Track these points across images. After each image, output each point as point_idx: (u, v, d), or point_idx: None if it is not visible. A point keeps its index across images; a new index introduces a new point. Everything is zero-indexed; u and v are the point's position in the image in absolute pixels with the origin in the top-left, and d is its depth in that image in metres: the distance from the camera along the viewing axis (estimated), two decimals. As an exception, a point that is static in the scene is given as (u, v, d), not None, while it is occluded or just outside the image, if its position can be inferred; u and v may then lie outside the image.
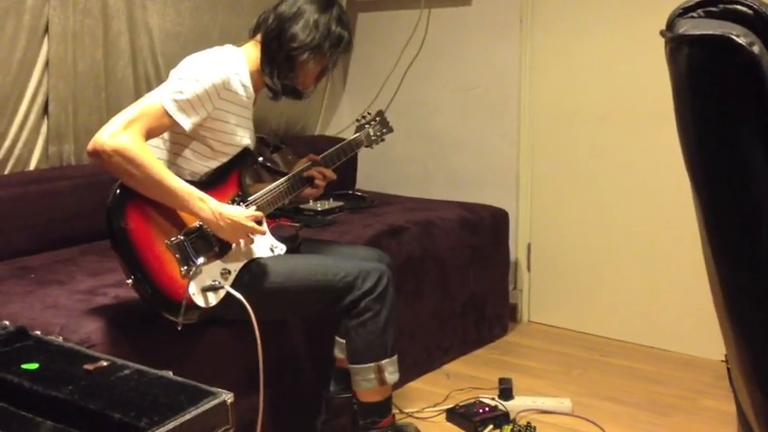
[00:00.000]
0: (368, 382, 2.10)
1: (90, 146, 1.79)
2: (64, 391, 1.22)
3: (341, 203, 3.16)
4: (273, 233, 2.18)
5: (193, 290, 1.87)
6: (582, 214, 3.24)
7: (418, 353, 2.85)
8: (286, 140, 3.39)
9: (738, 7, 0.92)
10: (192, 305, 1.86)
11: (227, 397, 1.27)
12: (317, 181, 2.26)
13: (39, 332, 1.46)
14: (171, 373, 1.34)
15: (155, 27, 2.91)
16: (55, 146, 2.70)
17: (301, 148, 3.39)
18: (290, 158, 3.27)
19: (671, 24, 0.99)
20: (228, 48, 2.09)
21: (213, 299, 1.91)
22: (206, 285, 1.90)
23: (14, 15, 2.51)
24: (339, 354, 2.29)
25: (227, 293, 1.92)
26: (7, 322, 1.47)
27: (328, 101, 3.78)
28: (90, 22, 2.70)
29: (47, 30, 2.59)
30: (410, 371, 2.79)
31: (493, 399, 2.54)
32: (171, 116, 1.87)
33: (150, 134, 1.86)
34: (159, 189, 1.81)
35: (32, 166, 2.67)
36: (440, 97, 3.56)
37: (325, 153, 2.33)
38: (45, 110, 2.66)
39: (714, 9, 0.95)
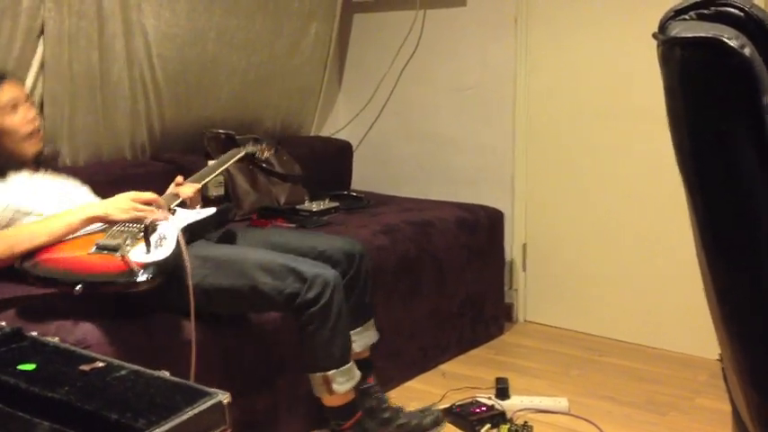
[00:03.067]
0: (319, 391, 2.10)
1: None
2: (60, 392, 1.21)
3: (336, 204, 3.17)
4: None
5: (138, 256, 1.87)
6: (578, 214, 3.24)
7: (415, 353, 2.85)
8: (281, 141, 3.40)
9: (730, 10, 0.93)
10: (144, 264, 1.85)
11: (224, 397, 1.26)
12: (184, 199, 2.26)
13: (35, 333, 1.46)
14: (168, 374, 1.34)
15: (150, 29, 2.91)
16: (51, 146, 2.70)
17: (297, 149, 3.41)
18: (285, 159, 3.29)
19: (663, 27, 0.99)
20: None
21: (164, 251, 1.91)
22: (149, 248, 1.90)
23: (10, 17, 2.51)
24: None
25: (178, 245, 1.93)
26: (3, 323, 1.47)
27: (324, 101, 3.79)
28: (85, 23, 2.70)
29: (42, 31, 2.59)
30: (407, 371, 2.80)
31: (489, 398, 2.55)
32: None
33: None
34: (46, 238, 1.94)
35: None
36: (435, 97, 3.56)
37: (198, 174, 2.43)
38: (40, 111, 2.66)
39: (706, 12, 0.95)
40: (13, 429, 1.13)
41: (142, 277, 1.82)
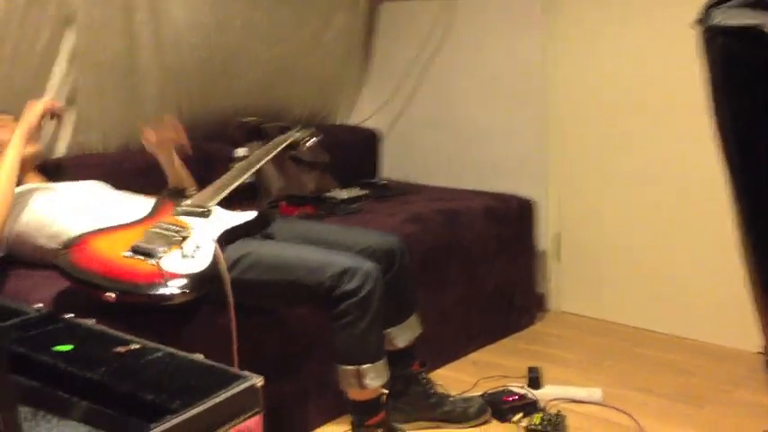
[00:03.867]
0: (348, 384, 2.07)
1: None
2: (97, 373, 1.22)
3: (365, 192, 3.15)
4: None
5: (171, 266, 1.86)
6: (612, 202, 3.19)
7: (444, 341, 2.83)
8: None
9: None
10: (178, 276, 1.84)
11: (257, 381, 1.26)
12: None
13: (72, 315, 1.46)
14: (202, 357, 1.33)
15: (178, 17, 2.90)
16: (82, 135, 2.72)
17: (325, 137, 3.37)
18: (314, 147, 3.26)
19: (705, 14, 0.98)
20: None
21: (201, 263, 1.89)
22: (185, 254, 1.89)
23: (38, 6, 2.51)
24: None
25: (215, 254, 1.92)
26: (41, 305, 1.48)
27: (351, 91, 3.77)
28: (114, 12, 2.70)
29: (71, 20, 2.59)
30: (437, 358, 2.78)
31: (522, 387, 2.52)
32: None
33: None
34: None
35: (60, 154, 2.69)
36: (464, 86, 3.53)
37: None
38: (71, 99, 2.67)
39: None
40: (52, 408, 1.13)
41: (174, 289, 1.80)
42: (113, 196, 2.28)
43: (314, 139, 2.75)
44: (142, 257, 1.87)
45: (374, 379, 2.04)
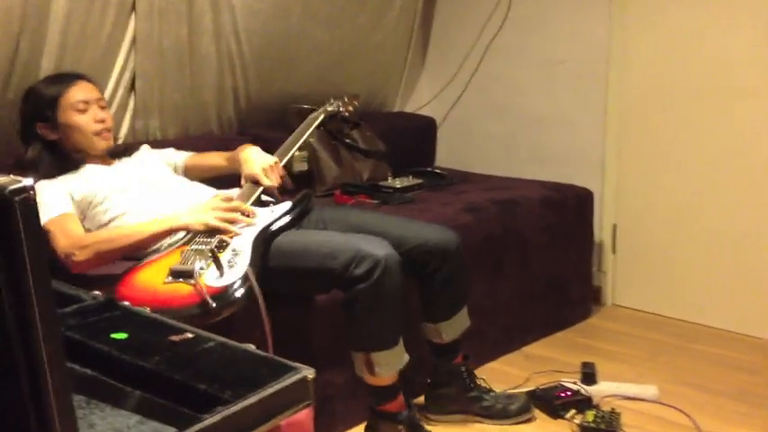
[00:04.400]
0: (360, 369, 2.06)
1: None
2: (151, 362, 1.22)
3: (420, 181, 3.13)
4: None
5: (211, 281, 1.87)
6: (671, 194, 3.11)
7: (497, 333, 2.81)
8: (365, 117, 3.38)
9: None
10: (219, 290, 1.85)
11: (309, 373, 1.26)
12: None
13: (127, 303, 1.48)
14: (254, 347, 1.33)
15: (237, 4, 2.92)
16: (141, 121, 2.76)
17: (380, 125, 3.38)
18: (368, 135, 3.27)
19: None
20: None
21: (235, 273, 1.89)
22: (223, 265, 1.90)
23: (102, -7, 2.55)
24: (429, 337, 2.29)
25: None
26: (98, 292, 1.50)
27: (407, 77, 3.74)
28: (174, -1, 2.72)
29: (134, 7, 2.62)
30: (489, 351, 2.76)
31: (575, 383, 2.48)
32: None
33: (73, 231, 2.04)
34: (129, 243, 2.01)
35: (120, 141, 2.73)
36: (523, 73, 3.47)
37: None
38: (132, 86, 2.71)
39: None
40: (105, 397, 1.15)
41: (217, 305, 1.81)
42: (164, 178, 2.31)
43: (353, 103, 2.74)
44: (182, 280, 1.88)
45: (385, 367, 2.03)
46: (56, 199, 2.07)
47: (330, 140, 3.11)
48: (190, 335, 1.35)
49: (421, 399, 2.39)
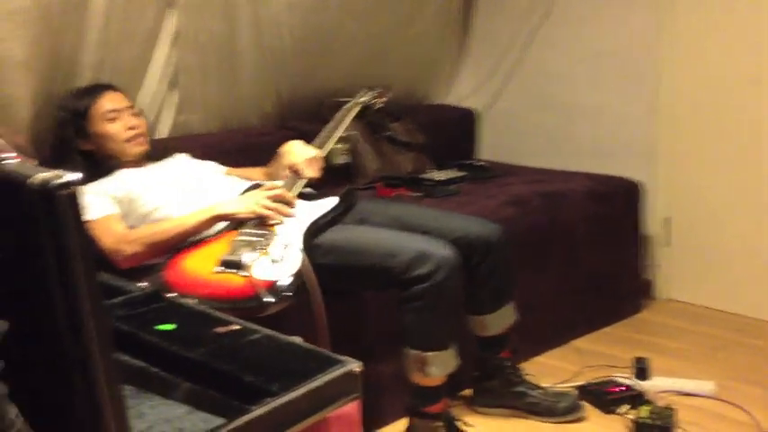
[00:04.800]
0: (411, 368, 2.03)
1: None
2: (198, 353, 1.22)
3: (463, 173, 3.09)
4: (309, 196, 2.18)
5: (262, 274, 1.84)
6: (725, 186, 3.02)
7: (544, 327, 2.75)
8: (406, 110, 3.35)
9: None
10: (271, 284, 1.83)
11: (356, 366, 1.24)
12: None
13: (175, 293, 1.48)
14: (300, 340, 1.32)
15: (276, -2, 2.91)
16: (184, 115, 2.77)
17: (421, 117, 3.35)
18: (409, 127, 3.23)
19: None
20: None
21: (291, 266, 1.87)
22: (274, 258, 1.87)
23: (143, -13, 2.56)
24: (474, 330, 2.25)
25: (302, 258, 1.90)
26: (146, 284, 1.51)
27: (449, 69, 3.70)
28: (214, -8, 2.72)
29: (173, 2, 2.63)
30: (537, 345, 2.70)
31: (628, 378, 2.41)
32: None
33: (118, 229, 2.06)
34: (176, 234, 2.01)
35: (163, 135, 2.74)
36: (568, 63, 3.39)
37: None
38: (174, 80, 2.72)
39: None
40: (154, 388, 1.14)
41: (270, 299, 1.79)
42: (204, 177, 2.31)
43: (384, 98, 2.72)
44: (233, 271, 1.86)
45: (438, 367, 2.00)
46: (97, 201, 2.09)
47: (371, 133, 3.09)
48: (236, 327, 1.34)
49: (469, 391, 2.36)
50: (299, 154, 2.24)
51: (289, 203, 2.07)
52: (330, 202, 2.14)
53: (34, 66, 2.26)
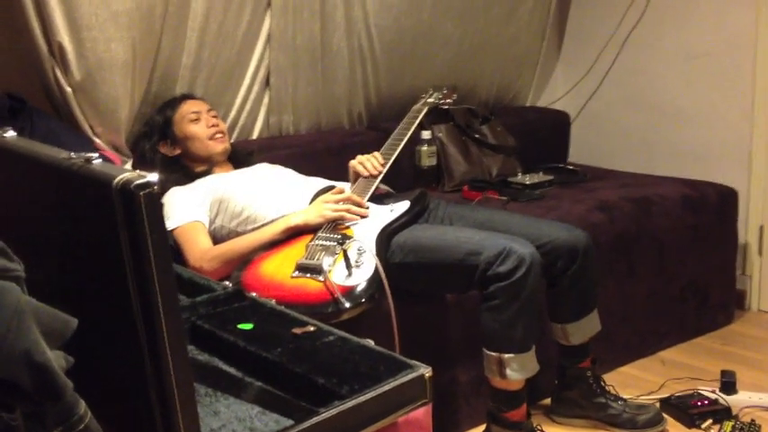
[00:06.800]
0: (489, 370, 2.01)
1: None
2: (274, 353, 1.26)
3: (550, 177, 3.04)
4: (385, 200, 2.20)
5: (339, 279, 1.88)
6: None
7: (630, 336, 2.69)
8: (495, 112, 3.33)
9: None
10: (348, 289, 1.86)
11: (426, 371, 1.25)
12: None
13: (255, 294, 1.53)
14: (372, 343, 1.34)
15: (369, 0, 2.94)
16: (275, 116, 2.84)
17: (511, 120, 3.32)
18: (498, 130, 3.21)
19: None
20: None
21: (365, 271, 1.90)
22: (351, 264, 1.90)
23: (241, -9, 2.63)
24: (556, 338, 2.24)
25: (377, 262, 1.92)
26: (228, 283, 1.56)
27: (541, 70, 3.65)
28: (308, -6, 2.78)
29: (269, 4, 2.70)
30: (621, 355, 2.65)
31: (713, 391, 2.35)
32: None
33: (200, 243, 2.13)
34: (251, 249, 2.06)
35: (255, 135, 2.83)
36: (663, 65, 3.30)
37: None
38: (267, 82, 2.79)
39: None
40: (224, 387, 1.19)
41: (346, 305, 1.83)
42: (286, 177, 2.37)
43: (451, 98, 2.73)
44: (310, 275, 1.90)
45: (517, 370, 1.98)
46: (183, 208, 2.19)
47: (459, 135, 3.09)
48: (312, 328, 1.38)
49: (548, 400, 2.34)
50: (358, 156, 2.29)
51: (358, 204, 2.11)
52: (402, 206, 2.16)
53: (135, 67, 2.36)
